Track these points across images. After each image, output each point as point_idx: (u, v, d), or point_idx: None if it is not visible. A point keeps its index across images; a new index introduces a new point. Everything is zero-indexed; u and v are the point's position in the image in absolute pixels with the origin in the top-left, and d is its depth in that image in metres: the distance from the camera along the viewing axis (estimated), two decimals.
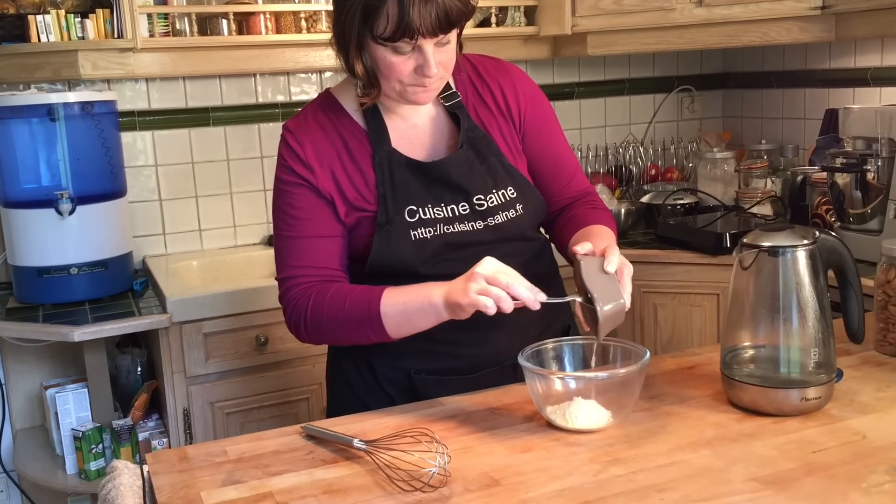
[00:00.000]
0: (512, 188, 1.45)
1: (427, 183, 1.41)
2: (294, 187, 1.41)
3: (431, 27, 1.26)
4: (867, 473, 1.07)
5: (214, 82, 2.73)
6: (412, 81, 1.33)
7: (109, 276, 2.36)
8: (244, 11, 2.56)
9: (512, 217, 1.44)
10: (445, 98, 1.46)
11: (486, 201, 1.42)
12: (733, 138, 3.30)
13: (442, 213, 1.41)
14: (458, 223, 1.41)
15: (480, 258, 1.31)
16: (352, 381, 1.52)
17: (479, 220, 1.42)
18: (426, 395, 1.43)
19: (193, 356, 2.23)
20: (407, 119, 1.45)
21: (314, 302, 1.37)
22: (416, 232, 1.39)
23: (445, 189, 1.41)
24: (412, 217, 1.39)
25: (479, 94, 1.48)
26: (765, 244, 1.26)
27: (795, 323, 1.25)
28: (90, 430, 2.27)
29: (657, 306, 2.58)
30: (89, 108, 2.33)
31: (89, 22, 2.36)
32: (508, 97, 1.49)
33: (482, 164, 1.43)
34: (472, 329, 1.39)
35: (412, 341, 1.37)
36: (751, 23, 2.57)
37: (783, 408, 1.24)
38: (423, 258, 1.39)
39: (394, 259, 1.39)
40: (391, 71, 1.32)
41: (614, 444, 1.19)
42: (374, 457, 1.15)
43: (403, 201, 1.40)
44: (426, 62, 1.30)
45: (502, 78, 1.50)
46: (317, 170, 1.40)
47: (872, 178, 2.27)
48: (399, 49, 1.29)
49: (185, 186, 2.75)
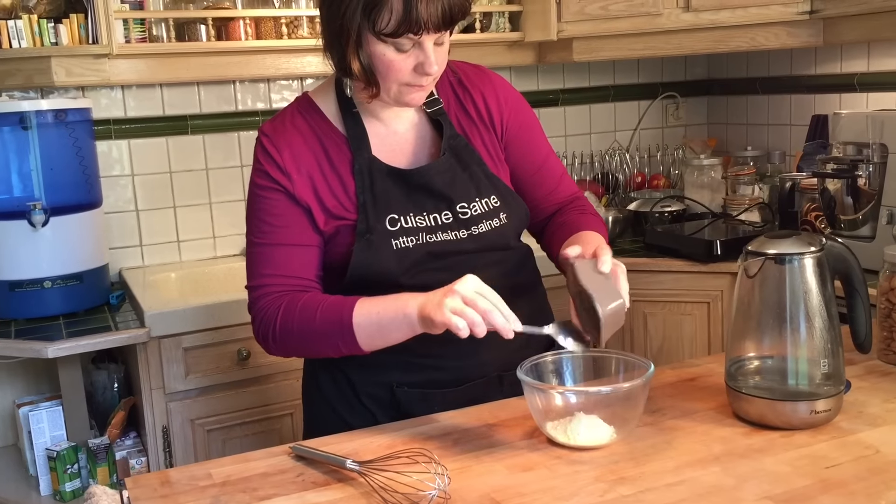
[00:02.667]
0: (495, 197, 1.41)
1: (408, 191, 1.37)
2: (269, 192, 1.35)
3: (437, 22, 1.22)
4: (884, 490, 1.03)
5: (192, 89, 2.66)
6: (411, 80, 1.29)
7: (84, 289, 2.28)
8: (223, 17, 2.50)
9: (496, 226, 1.40)
10: (427, 104, 1.41)
11: (469, 209, 1.38)
12: (718, 145, 3.28)
13: (424, 222, 1.37)
14: (441, 232, 1.37)
15: (464, 267, 1.28)
16: (330, 397, 1.46)
17: (462, 228, 1.38)
18: (409, 409, 1.38)
19: (173, 371, 2.16)
20: (388, 125, 1.40)
21: (284, 312, 1.31)
22: (397, 241, 1.34)
23: (427, 197, 1.37)
24: (393, 226, 1.35)
25: (460, 102, 1.45)
26: (771, 252, 1.21)
27: (804, 333, 1.20)
28: (65, 449, 2.19)
29: (647, 315, 2.54)
30: (63, 116, 2.26)
31: (63, 27, 2.29)
32: (490, 105, 1.45)
33: (464, 172, 1.39)
34: (455, 341, 1.32)
35: (393, 354, 1.31)
36: (738, 28, 2.55)
37: (792, 421, 1.20)
38: (405, 268, 1.35)
39: (374, 269, 1.34)
40: (390, 70, 1.27)
41: (619, 462, 1.14)
42: (369, 478, 1.09)
43: (384, 210, 1.35)
44: (427, 59, 1.26)
45: (484, 86, 1.46)
46: (294, 176, 1.34)
47: (864, 184, 2.24)
48: (400, 46, 1.25)
49: (162, 196, 2.67)
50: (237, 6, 2.57)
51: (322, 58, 1.35)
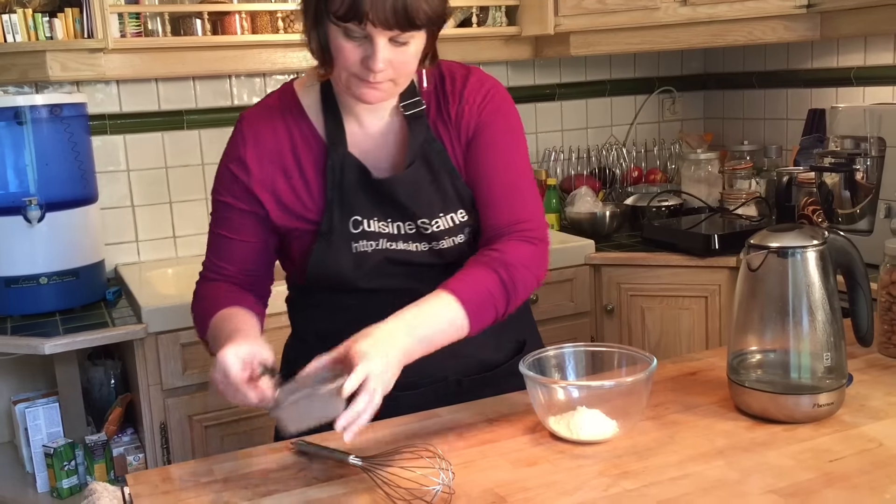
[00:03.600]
0: (463, 211, 1.35)
1: (375, 196, 1.33)
2: (226, 183, 1.35)
3: (385, 18, 1.16)
4: (889, 483, 1.03)
5: (188, 84, 2.65)
6: (358, 72, 1.23)
7: (81, 285, 2.27)
8: (219, 11, 2.48)
9: (459, 242, 1.35)
10: (406, 106, 1.35)
11: (431, 225, 1.33)
12: (715, 139, 3.28)
13: (387, 229, 1.34)
14: (403, 241, 1.34)
15: (423, 276, 1.30)
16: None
17: (424, 241, 1.35)
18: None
19: (170, 368, 2.15)
20: (364, 124, 1.36)
21: (195, 297, 1.40)
22: (357, 244, 1.33)
23: (393, 206, 1.33)
24: (356, 228, 1.33)
25: (440, 107, 1.37)
26: (774, 245, 1.21)
27: (806, 326, 1.20)
28: (62, 446, 2.19)
29: (644, 310, 2.54)
30: (58, 111, 2.24)
31: (58, 21, 2.28)
32: (463, 108, 1.36)
33: (432, 184, 1.34)
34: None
35: None
36: (736, 22, 2.55)
37: (794, 415, 1.20)
38: (362, 272, 1.34)
39: (331, 270, 1.34)
40: (338, 55, 1.22)
41: (622, 456, 1.14)
42: (372, 474, 1.09)
43: (349, 211, 1.32)
44: (373, 55, 1.20)
45: (466, 90, 1.37)
46: (254, 171, 1.32)
47: (861, 178, 2.25)
48: (350, 32, 1.20)
49: (158, 192, 2.66)
50: (233, 0, 2.55)
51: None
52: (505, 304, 1.27)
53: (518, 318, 1.47)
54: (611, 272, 2.56)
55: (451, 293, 1.22)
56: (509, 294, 1.27)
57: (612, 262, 2.55)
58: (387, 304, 1.30)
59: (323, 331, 1.40)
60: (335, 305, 1.39)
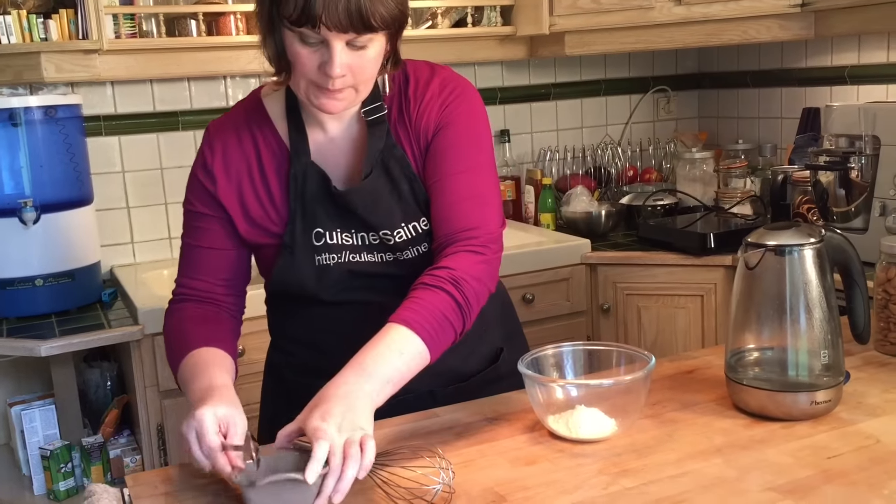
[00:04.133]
0: (425, 219, 1.31)
1: (337, 207, 1.31)
2: (196, 191, 1.33)
3: (338, 21, 1.13)
4: (887, 479, 1.03)
5: (183, 85, 2.65)
6: (316, 79, 1.19)
7: (76, 287, 2.27)
8: (214, 12, 2.48)
9: (423, 252, 1.32)
10: (369, 112, 1.30)
11: (393, 237, 1.30)
12: (709, 138, 3.29)
13: (350, 241, 1.31)
14: (366, 253, 1.32)
15: (388, 288, 1.29)
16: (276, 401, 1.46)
17: (388, 252, 1.32)
18: None
19: (167, 369, 2.10)
20: (328, 131, 1.32)
21: (168, 321, 1.35)
22: (319, 257, 1.31)
23: (354, 218, 1.31)
24: (318, 241, 1.31)
25: (401, 110, 1.33)
26: (771, 243, 1.21)
27: (804, 324, 1.21)
28: (58, 448, 2.18)
29: (641, 308, 2.55)
30: (53, 112, 2.24)
31: (52, 23, 2.27)
32: (423, 108, 1.32)
33: (392, 193, 1.30)
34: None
35: (320, 363, 1.26)
36: (730, 21, 2.55)
37: (792, 412, 1.20)
38: (324, 286, 1.33)
39: (294, 283, 1.33)
40: (296, 62, 1.19)
41: (621, 454, 1.14)
42: (372, 474, 1.08)
43: (311, 223, 1.30)
44: (330, 59, 1.16)
45: (428, 91, 1.32)
46: (220, 181, 1.31)
47: (856, 176, 2.26)
48: (305, 38, 1.16)
49: (153, 193, 2.66)
50: (228, 1, 2.55)
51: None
52: (461, 322, 1.22)
53: (496, 325, 1.48)
54: (607, 271, 2.56)
55: (404, 325, 1.16)
56: (463, 312, 1.22)
57: (608, 262, 2.55)
58: (353, 315, 1.33)
59: (297, 337, 1.43)
60: (305, 315, 1.39)
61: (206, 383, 1.20)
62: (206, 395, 1.16)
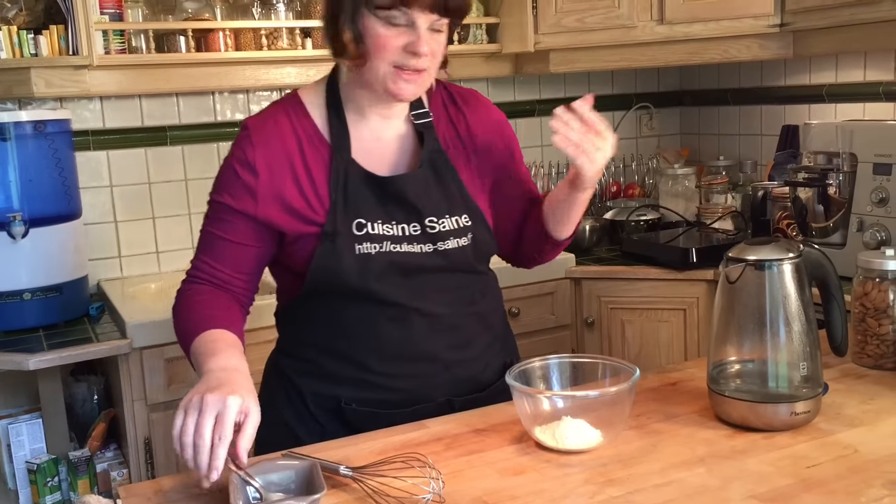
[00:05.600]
0: (467, 216, 1.40)
1: (381, 198, 1.36)
2: (230, 186, 1.35)
3: (430, 2, 1.25)
4: (865, 488, 1.06)
5: (171, 100, 2.67)
6: (400, 60, 1.28)
7: (64, 301, 2.27)
8: (203, 28, 2.50)
9: (463, 245, 1.39)
10: (416, 116, 1.42)
11: (437, 224, 1.37)
12: (691, 155, 3.34)
13: (391, 231, 1.35)
14: (407, 243, 1.36)
15: (427, 283, 1.35)
16: (281, 409, 1.45)
17: (428, 242, 1.37)
18: (358, 426, 1.36)
19: (155, 382, 2.16)
20: (373, 130, 1.40)
21: (185, 297, 1.37)
22: (360, 246, 1.33)
23: (399, 206, 1.36)
24: (360, 230, 1.34)
25: (451, 120, 1.45)
26: (751, 258, 1.25)
27: (783, 337, 1.24)
28: (45, 462, 2.18)
29: (624, 322, 2.58)
30: (42, 127, 2.25)
31: (43, 38, 2.28)
32: (486, 131, 1.46)
33: (439, 187, 1.39)
34: (406, 362, 1.38)
35: (347, 369, 1.37)
36: (711, 40, 2.60)
37: (773, 423, 1.23)
38: (365, 276, 1.34)
39: (334, 273, 1.34)
40: (379, 46, 1.27)
41: (607, 465, 1.16)
42: (363, 484, 1.11)
43: (353, 213, 1.34)
44: (418, 38, 1.26)
45: (479, 111, 1.47)
46: (262, 174, 1.34)
47: (834, 193, 2.30)
48: (392, 18, 1.25)
49: (141, 207, 2.67)
50: (217, 18, 2.58)
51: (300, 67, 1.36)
52: None
53: (504, 339, 1.54)
54: (591, 285, 2.59)
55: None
56: None
57: (593, 276, 2.59)
58: (385, 317, 1.36)
59: (316, 344, 1.42)
60: (332, 317, 1.39)
61: (227, 363, 1.20)
62: (228, 377, 1.15)
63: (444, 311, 1.40)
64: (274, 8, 2.61)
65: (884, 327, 1.44)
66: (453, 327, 1.41)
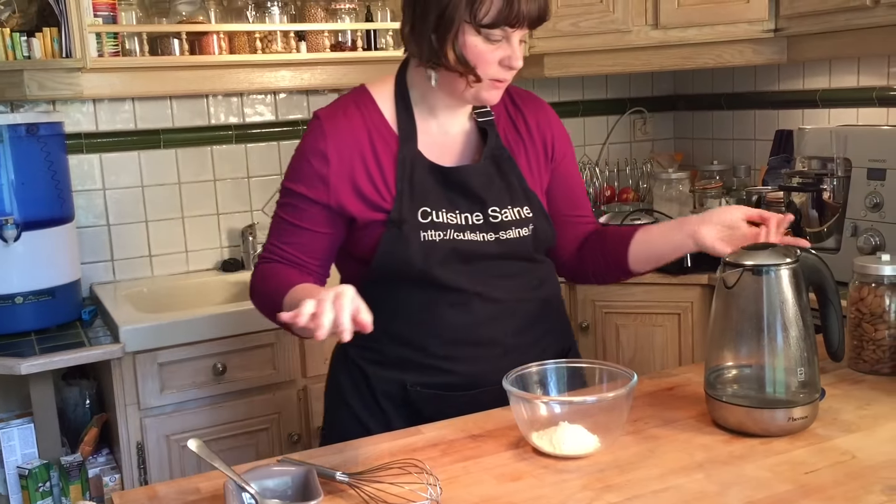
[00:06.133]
0: (528, 208, 1.46)
1: (445, 188, 1.42)
2: (304, 175, 1.41)
3: (532, 18, 1.32)
4: (863, 494, 1.06)
5: (165, 103, 2.66)
6: (496, 74, 1.36)
7: (57, 304, 2.26)
8: (197, 31, 2.49)
9: (524, 235, 1.45)
10: (479, 114, 1.48)
11: (500, 214, 1.43)
12: (685, 159, 3.34)
13: (455, 220, 1.41)
14: (470, 232, 1.41)
15: (487, 273, 1.41)
16: (348, 398, 1.50)
17: (490, 231, 1.42)
18: (421, 409, 1.43)
19: (148, 387, 2.14)
20: (440, 125, 1.46)
21: (261, 273, 1.43)
22: (425, 234, 1.38)
23: (462, 196, 1.42)
24: (425, 218, 1.39)
25: (511, 119, 1.51)
26: (748, 263, 1.25)
27: (780, 342, 1.24)
28: (37, 467, 2.16)
29: (619, 327, 2.58)
30: (35, 130, 2.23)
31: (36, 41, 2.27)
32: (543, 129, 1.52)
33: (501, 180, 1.45)
34: (467, 346, 1.43)
35: (411, 353, 1.42)
36: (705, 45, 2.61)
37: (770, 428, 1.23)
38: (429, 262, 1.39)
39: (400, 259, 1.38)
40: (478, 61, 1.34)
41: (605, 470, 1.16)
42: (360, 490, 1.10)
43: (419, 202, 1.40)
44: (513, 53, 1.34)
45: (538, 112, 1.54)
46: (334, 163, 1.40)
47: (828, 198, 2.31)
48: (491, 36, 1.32)
49: (134, 211, 2.66)
50: (211, 21, 2.57)
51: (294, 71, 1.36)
52: None
53: (562, 326, 1.59)
54: (586, 290, 2.59)
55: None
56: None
57: None
58: (447, 303, 1.41)
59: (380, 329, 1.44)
60: (395, 303, 1.42)
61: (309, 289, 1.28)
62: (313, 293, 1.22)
63: (505, 296, 1.45)
64: (268, 11, 2.60)
65: (880, 332, 1.45)
66: (513, 313, 1.46)
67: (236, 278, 2.66)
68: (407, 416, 1.43)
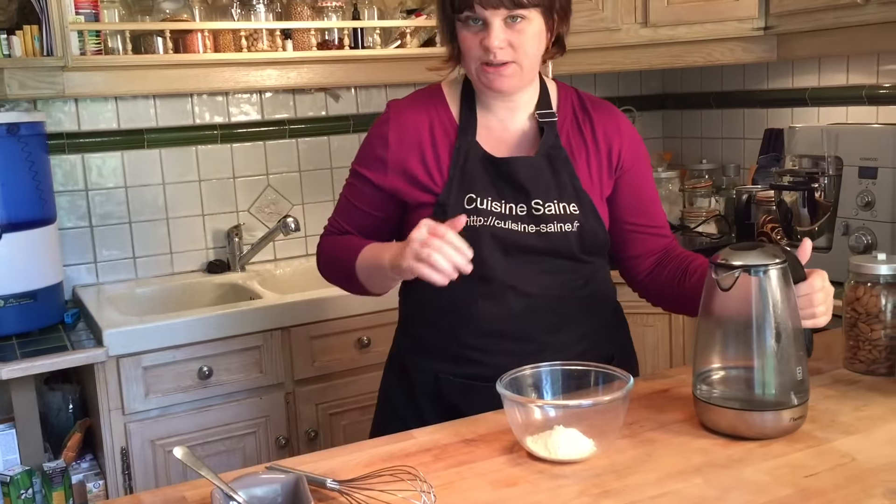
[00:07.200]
0: (576, 205, 1.46)
1: (494, 178, 1.46)
2: (367, 157, 1.52)
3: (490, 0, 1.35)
4: (864, 498, 1.04)
5: (148, 103, 2.62)
6: (480, 56, 1.41)
7: (39, 307, 2.22)
8: (181, 29, 2.46)
9: (567, 230, 1.45)
10: (542, 115, 1.50)
11: (543, 207, 1.45)
12: (674, 158, 3.33)
13: (498, 209, 1.44)
14: (511, 222, 1.44)
15: (526, 268, 1.43)
16: (391, 392, 1.59)
17: (532, 223, 1.45)
18: (451, 399, 1.47)
19: (132, 391, 2.11)
20: (501, 121, 1.51)
21: (327, 243, 1.56)
22: (468, 219, 1.40)
23: (509, 186, 1.45)
24: (469, 204, 1.44)
25: (577, 124, 1.52)
26: (739, 264, 1.22)
27: (770, 343, 1.22)
28: (19, 473, 2.12)
29: None
30: (15, 129, 2.19)
31: (16, 39, 2.23)
32: (610, 136, 1.52)
33: (552, 176, 1.47)
34: (500, 338, 1.45)
35: (441, 343, 1.48)
36: (695, 43, 2.59)
37: (763, 431, 1.21)
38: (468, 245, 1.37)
39: None
40: (466, 47, 1.42)
41: (601, 475, 1.14)
42: (351, 498, 1.07)
43: (467, 188, 1.45)
44: (488, 35, 1.37)
45: (608, 120, 1.53)
46: (392, 147, 1.49)
47: (820, 196, 2.30)
48: (469, 21, 1.39)
49: (117, 212, 2.61)
50: (195, 19, 2.53)
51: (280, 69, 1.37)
52: None
53: (611, 331, 1.60)
54: None
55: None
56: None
57: None
58: (481, 293, 1.44)
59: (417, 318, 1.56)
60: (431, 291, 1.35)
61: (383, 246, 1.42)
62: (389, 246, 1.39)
63: (541, 292, 1.46)
64: (254, 9, 2.57)
65: (876, 332, 1.43)
66: (550, 310, 1.47)
67: (222, 280, 2.62)
68: (440, 410, 1.46)
